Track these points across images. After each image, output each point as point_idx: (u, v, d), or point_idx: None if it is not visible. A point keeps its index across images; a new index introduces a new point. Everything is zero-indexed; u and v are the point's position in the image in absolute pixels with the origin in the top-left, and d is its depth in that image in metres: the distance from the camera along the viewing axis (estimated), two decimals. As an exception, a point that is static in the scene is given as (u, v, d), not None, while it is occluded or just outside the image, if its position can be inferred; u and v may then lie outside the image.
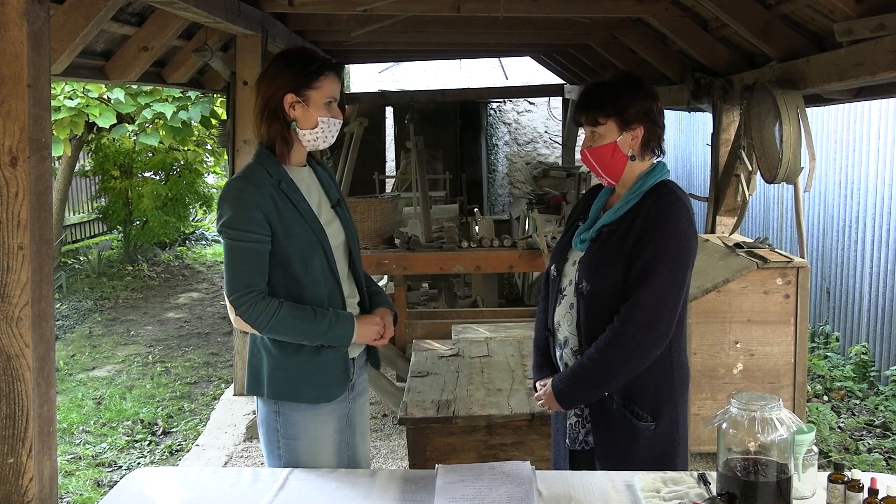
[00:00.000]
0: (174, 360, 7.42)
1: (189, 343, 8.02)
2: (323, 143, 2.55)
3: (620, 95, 2.48)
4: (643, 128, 2.50)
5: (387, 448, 5.09)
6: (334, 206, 2.62)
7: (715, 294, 4.35)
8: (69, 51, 4.04)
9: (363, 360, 2.75)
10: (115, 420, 5.90)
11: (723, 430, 1.94)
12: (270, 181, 2.45)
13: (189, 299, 9.99)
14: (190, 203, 12.11)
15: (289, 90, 2.47)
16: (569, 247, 2.65)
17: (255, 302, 2.39)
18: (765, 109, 4.73)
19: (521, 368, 4.21)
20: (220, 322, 8.80)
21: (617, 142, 2.49)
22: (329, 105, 2.52)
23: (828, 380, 6.40)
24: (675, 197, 2.46)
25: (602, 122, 2.49)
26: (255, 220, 2.40)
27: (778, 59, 4.73)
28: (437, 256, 6.18)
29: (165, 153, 11.40)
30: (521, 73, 14.72)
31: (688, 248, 2.42)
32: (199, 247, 13.23)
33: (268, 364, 2.51)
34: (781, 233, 8.26)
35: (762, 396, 1.94)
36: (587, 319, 2.47)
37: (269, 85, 2.49)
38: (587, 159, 2.56)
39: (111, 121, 8.55)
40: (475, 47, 10.05)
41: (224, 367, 7.20)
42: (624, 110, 2.48)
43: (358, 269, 2.66)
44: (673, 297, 2.40)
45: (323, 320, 2.44)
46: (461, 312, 6.52)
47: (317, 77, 2.48)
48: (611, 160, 2.51)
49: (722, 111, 5.79)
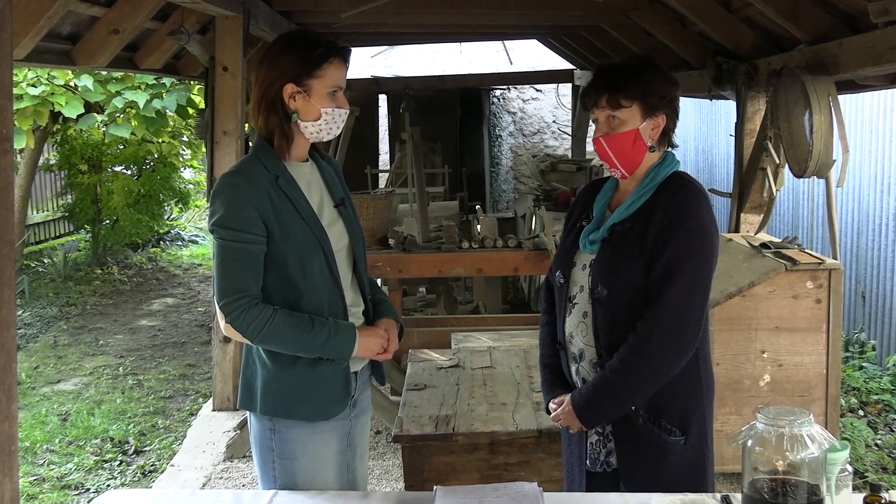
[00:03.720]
0: (147, 373, 7.41)
1: (164, 353, 8.01)
2: (327, 135, 2.55)
3: (646, 78, 2.46)
4: (665, 116, 2.50)
5: (380, 468, 5.09)
6: (338, 205, 2.61)
7: (739, 299, 4.35)
8: (32, 34, 4.04)
9: (367, 376, 2.74)
10: (82, 438, 5.89)
11: (748, 448, 1.94)
12: (267, 177, 2.45)
13: (163, 305, 9.98)
14: (164, 200, 12.10)
15: (288, 79, 2.46)
16: (574, 250, 2.63)
17: (247, 308, 2.39)
18: (793, 97, 4.74)
19: (528, 380, 4.21)
20: (197, 330, 8.79)
21: (639, 129, 2.48)
22: (334, 95, 2.51)
23: (863, 392, 6.41)
24: (695, 188, 2.47)
25: (626, 104, 2.46)
26: (248, 219, 2.39)
27: (807, 41, 4.73)
28: (435, 258, 6.17)
29: (138, 145, 11.40)
30: (526, 58, 14.72)
31: (712, 243, 2.43)
32: (175, 248, 13.23)
33: (262, 377, 2.51)
34: (812, 232, 8.27)
35: (791, 411, 1.94)
36: (606, 328, 2.46)
37: (268, 73, 2.48)
38: (602, 148, 2.51)
39: (78, 110, 8.55)
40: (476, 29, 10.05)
41: (202, 379, 7.19)
42: (649, 94, 2.46)
43: (363, 275, 2.65)
44: (700, 295, 2.40)
45: (321, 331, 2.44)
46: (461, 319, 6.52)
47: (319, 65, 2.47)
48: (631, 149, 2.49)
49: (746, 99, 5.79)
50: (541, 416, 3.64)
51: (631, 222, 2.48)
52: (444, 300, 7.90)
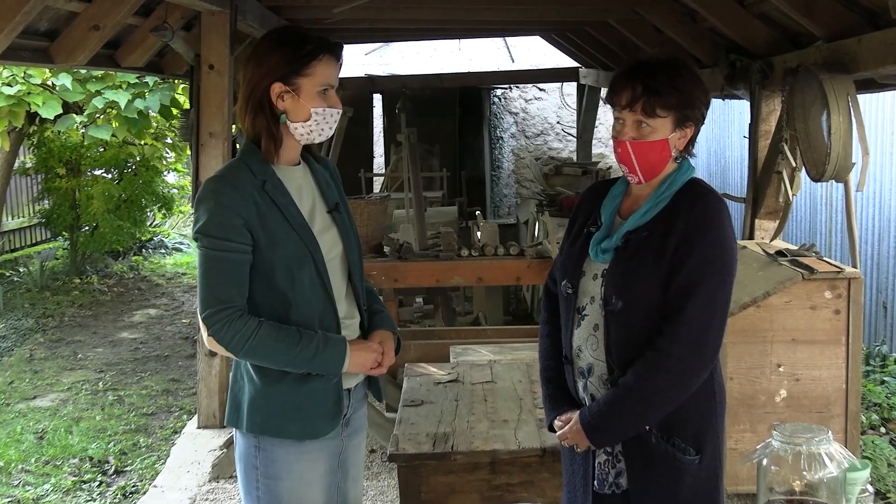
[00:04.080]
0: (128, 388, 7.40)
1: (146, 368, 8.00)
2: (318, 136, 2.55)
3: (687, 89, 2.46)
4: (694, 127, 2.52)
5: (375, 489, 5.08)
6: (331, 210, 2.61)
7: (754, 309, 4.36)
8: (8, 30, 4.04)
9: (362, 392, 2.74)
10: (59, 457, 5.88)
11: (763, 467, 1.94)
12: (253, 182, 2.45)
13: (146, 317, 9.97)
14: (147, 205, 12.09)
15: (276, 78, 2.46)
16: (583, 258, 2.61)
17: (230, 320, 2.39)
18: (810, 96, 4.75)
19: (531, 396, 4.21)
20: (181, 343, 8.79)
21: (669, 139, 2.48)
22: (324, 94, 2.51)
23: (885, 409, 6.40)
24: (716, 197, 2.49)
25: (662, 114, 2.45)
26: (232, 227, 2.40)
27: (825, 38, 4.74)
28: (432, 266, 6.17)
29: (119, 148, 11.39)
30: (529, 56, 14.74)
31: (733, 257, 2.44)
32: (158, 256, 13.22)
33: (249, 393, 2.51)
34: (830, 239, 8.27)
35: (809, 428, 1.94)
36: (619, 341, 2.46)
37: (254, 72, 2.48)
38: (626, 152, 2.48)
39: (56, 111, 8.55)
40: (477, 25, 10.07)
41: (186, 395, 7.18)
42: (687, 106, 2.46)
43: (358, 285, 2.65)
44: (720, 311, 2.42)
45: (309, 344, 2.44)
46: (461, 331, 6.51)
47: (308, 62, 2.47)
48: (658, 158, 2.49)
49: (761, 98, 5.80)
50: (545, 433, 3.64)
51: (647, 231, 2.48)
52: (443, 311, 7.89)
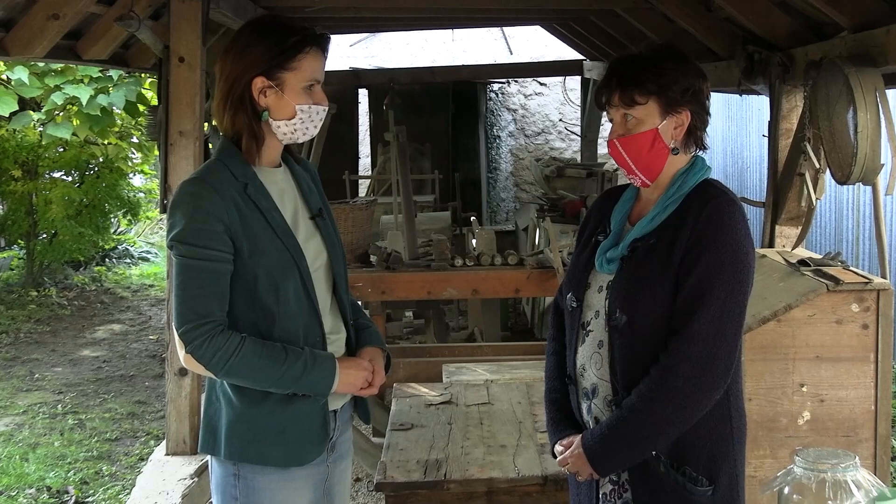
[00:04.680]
0: (90, 411, 7.38)
1: (109, 389, 7.98)
2: (303, 135, 2.55)
3: (665, 69, 2.46)
4: (690, 112, 2.49)
5: (361, 521, 5.08)
6: (314, 216, 2.62)
7: (774, 324, 4.36)
8: (-42, 19, 4.04)
9: (348, 414, 2.74)
10: (14, 487, 5.86)
11: (785, 496, 1.94)
12: (234, 184, 2.45)
13: (109, 333, 9.95)
14: (111, 211, 12.07)
15: (258, 72, 2.46)
16: (589, 269, 2.62)
17: (211, 336, 2.39)
18: (835, 92, 4.76)
19: (531, 419, 4.21)
20: (148, 362, 8.77)
21: (658, 129, 2.47)
22: (310, 89, 2.52)
23: (917, 432, 6.41)
24: (728, 199, 2.47)
25: (641, 101, 2.46)
26: (213, 234, 2.40)
27: (851, 28, 4.76)
28: (423, 278, 6.17)
29: (80, 148, 11.37)
30: (529, 47, 14.78)
31: (747, 264, 2.42)
32: (123, 266, 13.20)
33: (227, 416, 2.51)
34: (858, 247, 8.29)
35: (834, 453, 1.95)
36: (624, 360, 2.46)
37: (234, 65, 2.49)
38: (617, 152, 2.51)
39: (12, 107, 8.53)
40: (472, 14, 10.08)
41: (153, 419, 7.17)
42: (669, 87, 2.45)
43: (343, 297, 2.66)
44: (733, 325, 2.40)
45: (296, 362, 2.44)
46: (454, 349, 6.51)
47: (294, 55, 2.48)
48: (649, 153, 2.48)
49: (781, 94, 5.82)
50: (546, 460, 3.64)
51: (654, 238, 2.48)
52: (435, 326, 7.89)
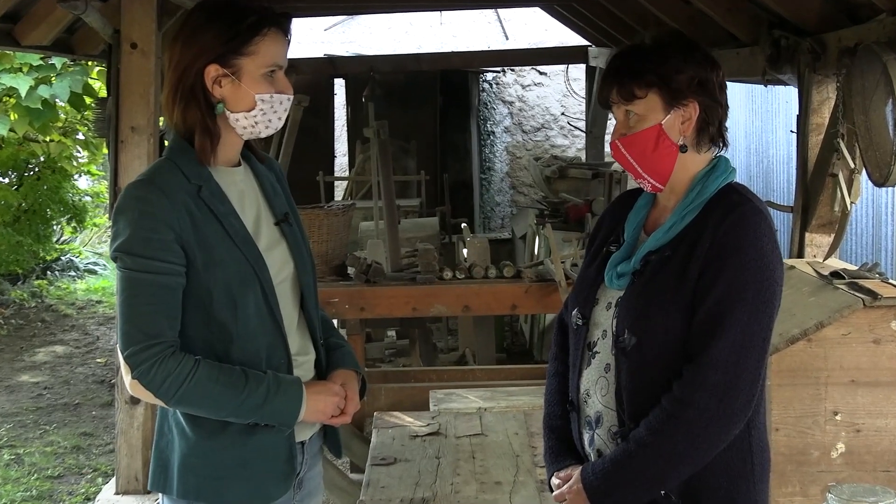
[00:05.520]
0: (29, 444, 7.35)
1: (51, 419, 7.95)
2: (265, 129, 2.55)
3: (667, 58, 2.46)
4: (698, 104, 2.48)
5: (337, 569, 5.07)
6: (280, 221, 2.62)
7: (804, 344, 4.37)
8: None
9: (317, 446, 2.74)
10: (-58, 531, 5.84)
11: (816, 539, 1.95)
12: (186, 187, 2.44)
13: (51, 356, 9.91)
14: (53, 217, 12.04)
15: (210, 59, 2.46)
16: (598, 283, 2.62)
17: (161, 359, 2.38)
18: (872, 82, 4.78)
19: (529, 452, 4.21)
20: (95, 388, 8.74)
21: (662, 125, 2.46)
22: (271, 76, 2.52)
23: (966, 466, 6.43)
24: (753, 208, 2.45)
25: (640, 94, 2.46)
26: (162, 243, 2.39)
27: (890, 10, 4.78)
28: (408, 292, 6.16)
29: (18, 146, 11.35)
30: (527, 32, 14.81)
31: (773, 282, 2.41)
32: (67, 280, 13.15)
33: (180, 449, 2.50)
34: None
35: (872, 490, 1.95)
36: (632, 387, 2.45)
37: (183, 52, 2.48)
38: (620, 154, 2.52)
39: (-60, 100, 8.53)
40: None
41: (101, 453, 7.14)
42: (670, 77, 2.44)
43: (312, 313, 2.66)
44: (756, 351, 2.39)
45: (257, 388, 2.43)
46: (443, 373, 6.50)
47: (250, 38, 2.47)
48: (654, 152, 2.48)
49: (811, 85, 5.84)
50: (547, 499, 3.63)
51: (670, 250, 2.47)
52: (421, 348, 7.89)
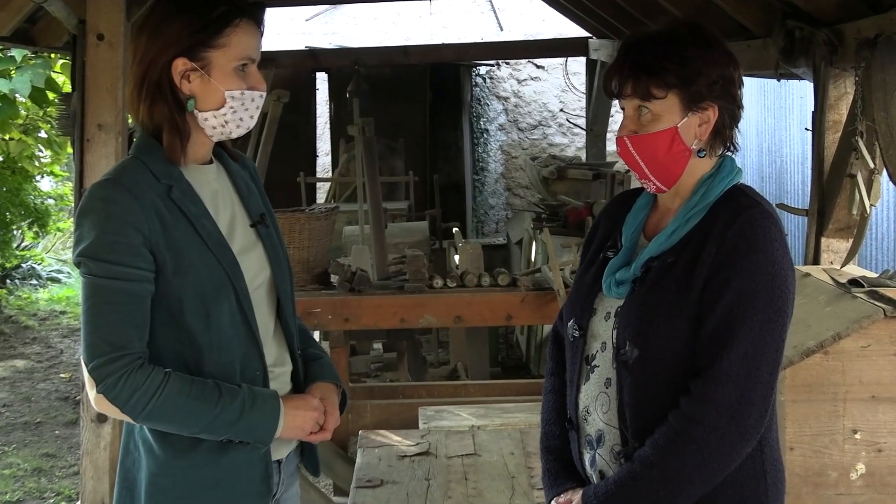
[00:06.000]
0: (-13, 466, 7.35)
1: (10, 439, 7.93)
2: (236, 128, 2.54)
3: (689, 57, 2.44)
4: (717, 108, 2.48)
5: None
6: (255, 224, 2.62)
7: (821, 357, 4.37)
8: None
9: (294, 465, 2.74)
10: None
11: (835, 566, 1.95)
12: (155, 187, 2.44)
13: (11, 371, 9.90)
14: (13, 221, 12.02)
15: (178, 52, 2.45)
16: (595, 291, 2.62)
17: (128, 373, 2.37)
18: (893, 75, 4.79)
19: (526, 473, 4.21)
20: (58, 406, 8.72)
21: (678, 127, 2.46)
22: (243, 70, 2.52)
23: None
24: (763, 211, 2.45)
25: (658, 94, 2.44)
26: (129, 247, 2.38)
27: (912, -1, 4.79)
28: (395, 302, 6.16)
29: (-25, 145, 11.36)
30: (523, 22, 14.83)
31: (785, 289, 2.41)
32: (28, 289, 13.14)
33: (148, 468, 2.49)
34: (921, 263, 8.33)
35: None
36: (636, 403, 2.45)
37: (149, 44, 2.48)
38: (627, 152, 2.51)
39: None
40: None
41: (65, 475, 7.13)
42: (694, 79, 2.43)
43: (290, 322, 2.66)
44: (768, 363, 2.39)
45: (231, 402, 2.43)
46: (433, 388, 6.50)
47: (220, 29, 2.47)
48: (666, 155, 2.47)
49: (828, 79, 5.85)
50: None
51: (674, 256, 2.47)
52: (409, 361, 7.88)
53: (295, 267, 6.24)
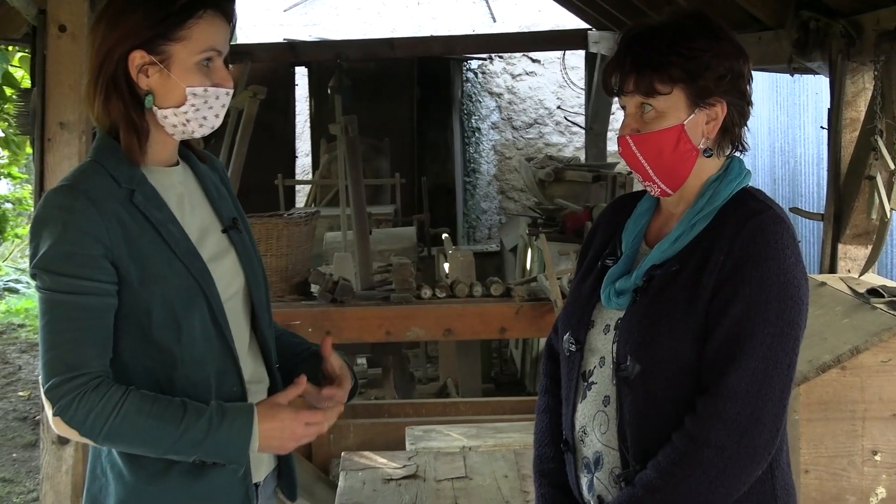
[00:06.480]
0: (-60, 491, 7.33)
1: (-35, 462, 7.93)
2: (199, 127, 2.51)
3: (696, 48, 2.42)
4: (726, 104, 2.47)
5: None
6: (227, 229, 2.61)
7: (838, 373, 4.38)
8: None
9: (271, 488, 2.73)
10: None
11: None
12: (116, 192, 2.42)
13: (-35, 388, 9.89)
14: (-33, 228, 12.03)
15: (135, 44, 2.43)
16: (593, 302, 2.61)
17: (83, 393, 2.35)
18: (914, 71, 4.80)
19: (521, 497, 4.21)
20: (16, 427, 8.71)
21: (685, 125, 2.45)
22: (207, 65, 2.49)
23: None
24: (774, 215, 2.45)
25: (663, 90, 2.43)
26: (88, 258, 2.36)
27: (935, -12, 4.80)
28: (381, 314, 6.16)
29: (-73, 144, 11.35)
30: (517, 14, 14.85)
31: (798, 300, 2.40)
32: (-17, 301, 13.15)
33: (116, 494, 2.48)
34: (945, 272, 8.35)
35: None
36: (637, 422, 2.45)
37: (106, 35, 2.45)
38: (630, 152, 2.49)
39: None
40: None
41: (24, 501, 7.13)
42: (701, 73, 2.42)
43: (266, 334, 2.65)
44: (780, 379, 2.38)
45: (197, 420, 2.40)
46: (421, 406, 6.50)
47: (182, 20, 2.44)
48: (672, 154, 2.46)
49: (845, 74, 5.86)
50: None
51: (678, 264, 2.46)
52: (395, 377, 7.88)
53: (273, 276, 6.24)
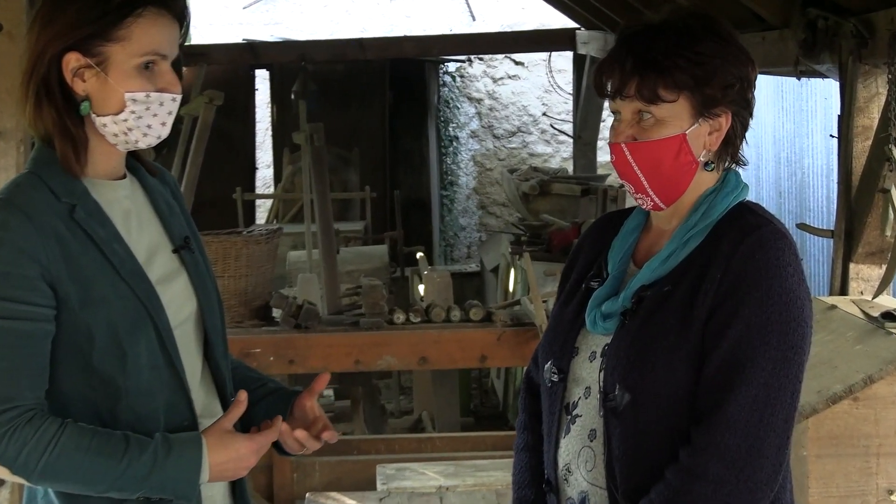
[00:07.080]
0: None
1: None
2: (142, 136, 2.48)
3: (704, 52, 2.42)
4: (730, 115, 2.47)
5: None
6: (178, 249, 2.60)
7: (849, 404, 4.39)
8: None
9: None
10: None
11: None
12: (56, 207, 2.40)
13: None
14: None
15: (69, 44, 2.42)
16: (577, 327, 2.61)
17: (14, 428, 2.33)
18: (931, 74, 4.83)
19: (504, 543, 4.21)
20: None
21: (686, 135, 2.45)
22: (150, 68, 2.48)
23: None
24: (774, 231, 2.45)
25: (669, 97, 2.41)
26: (23, 280, 2.35)
27: (952, -16, 4.83)
28: (349, 340, 6.16)
29: None
30: (499, 12, 14.90)
31: (802, 322, 2.41)
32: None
33: (55, 536, 2.48)
34: (965, 293, 8.38)
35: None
36: (627, 457, 2.45)
37: (40, 35, 2.45)
38: (624, 161, 2.48)
39: None
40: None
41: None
42: (709, 80, 2.42)
43: (221, 363, 2.64)
44: (783, 408, 2.38)
45: (141, 454, 2.38)
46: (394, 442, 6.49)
47: (120, 19, 2.41)
48: (672, 166, 2.46)
49: (856, 77, 5.89)
50: None
51: (670, 284, 2.46)
52: (366, 410, 7.88)
53: (230, 300, 6.22)
